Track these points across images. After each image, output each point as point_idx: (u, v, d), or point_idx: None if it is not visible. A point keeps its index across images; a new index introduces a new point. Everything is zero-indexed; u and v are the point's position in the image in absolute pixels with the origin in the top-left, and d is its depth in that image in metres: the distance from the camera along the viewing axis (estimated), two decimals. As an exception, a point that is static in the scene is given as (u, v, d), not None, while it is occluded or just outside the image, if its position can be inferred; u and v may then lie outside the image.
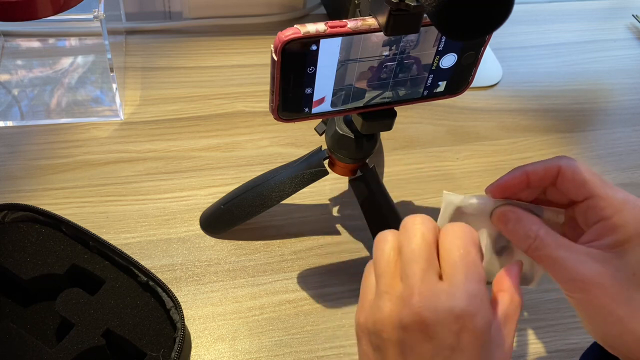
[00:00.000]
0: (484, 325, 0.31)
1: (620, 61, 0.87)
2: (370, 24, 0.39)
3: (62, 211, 0.58)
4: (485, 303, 0.32)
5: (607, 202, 0.35)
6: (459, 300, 0.31)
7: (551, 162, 0.37)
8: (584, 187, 0.36)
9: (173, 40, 0.79)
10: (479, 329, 0.31)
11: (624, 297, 0.34)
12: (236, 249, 0.60)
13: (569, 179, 0.36)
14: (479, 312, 0.31)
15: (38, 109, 0.69)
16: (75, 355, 0.46)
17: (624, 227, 0.35)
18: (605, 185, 0.36)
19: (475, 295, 0.31)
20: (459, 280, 0.32)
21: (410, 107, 0.70)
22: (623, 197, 0.36)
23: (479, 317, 0.31)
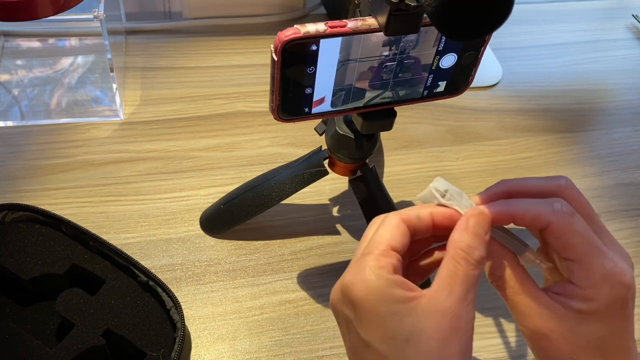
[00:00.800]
0: (363, 292, 0.32)
1: (620, 61, 0.87)
2: (370, 24, 0.39)
3: (62, 211, 0.58)
4: (370, 271, 0.32)
5: (587, 273, 0.33)
6: (347, 273, 0.33)
7: (543, 212, 0.34)
8: (569, 251, 0.34)
9: (173, 40, 0.79)
10: (359, 297, 0.32)
11: (569, 355, 0.34)
12: (236, 249, 0.60)
13: (556, 237, 0.34)
14: (358, 280, 0.32)
15: (38, 109, 0.69)
16: (75, 355, 0.46)
17: (595, 302, 0.33)
18: (592, 253, 0.34)
19: (360, 265, 0.33)
20: (355, 258, 0.34)
21: (410, 107, 0.70)
22: (606, 271, 0.33)
23: (358, 285, 0.32)
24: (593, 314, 0.34)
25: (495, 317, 0.58)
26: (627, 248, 0.65)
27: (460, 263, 0.32)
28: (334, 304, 0.34)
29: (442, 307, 0.31)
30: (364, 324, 0.32)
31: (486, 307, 0.58)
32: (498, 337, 0.56)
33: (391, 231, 0.34)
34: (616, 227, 0.67)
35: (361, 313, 0.32)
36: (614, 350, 0.34)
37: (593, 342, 0.34)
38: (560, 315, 0.34)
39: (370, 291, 0.32)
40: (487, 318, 0.58)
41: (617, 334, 0.34)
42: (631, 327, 0.35)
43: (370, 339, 0.32)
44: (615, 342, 0.34)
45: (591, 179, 0.71)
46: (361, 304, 0.32)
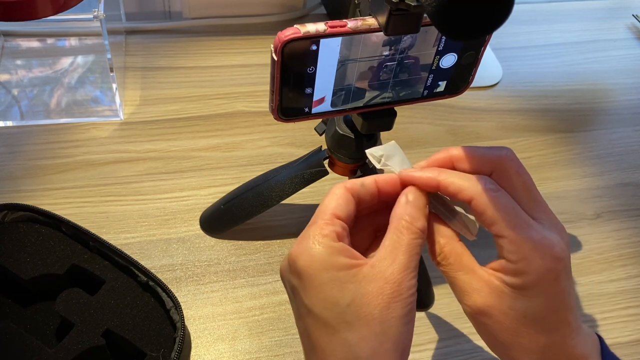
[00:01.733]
0: (306, 261, 0.33)
1: (620, 61, 0.87)
2: (370, 23, 0.39)
3: (62, 211, 0.58)
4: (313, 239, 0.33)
5: (515, 247, 0.33)
6: (294, 245, 0.34)
7: (465, 186, 0.34)
8: (494, 226, 0.34)
9: (173, 40, 0.79)
10: (302, 266, 0.33)
11: (511, 331, 0.34)
12: (236, 249, 0.60)
13: (479, 212, 0.34)
14: (303, 250, 0.33)
15: (38, 109, 0.69)
16: (75, 355, 0.46)
17: (527, 275, 0.33)
18: (518, 226, 0.33)
19: (305, 235, 0.34)
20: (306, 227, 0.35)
21: (410, 107, 0.70)
22: (535, 243, 0.33)
23: (303, 254, 0.33)
24: (527, 289, 0.34)
25: (495, 317, 0.58)
26: (627, 248, 0.66)
27: (402, 232, 0.33)
28: (282, 274, 0.35)
29: (384, 274, 0.32)
30: (307, 291, 0.33)
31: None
32: (498, 337, 0.56)
33: (336, 200, 0.35)
34: (616, 227, 0.67)
35: (305, 281, 0.33)
36: (554, 324, 0.34)
37: (531, 317, 0.34)
38: (497, 292, 0.34)
39: (313, 259, 0.33)
40: (487, 318, 0.58)
41: (555, 308, 0.34)
42: (570, 302, 0.35)
43: (312, 305, 0.32)
44: (553, 317, 0.34)
45: (591, 179, 0.71)
46: (305, 272, 0.33)
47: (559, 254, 0.34)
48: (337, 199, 0.35)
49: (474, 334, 0.56)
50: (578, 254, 0.64)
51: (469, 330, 0.57)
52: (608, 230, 0.66)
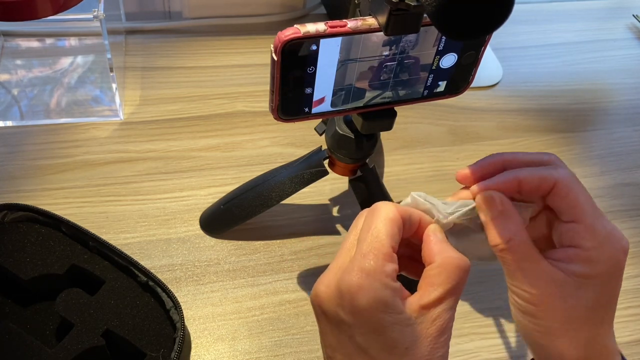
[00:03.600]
0: (370, 302, 0.31)
1: (620, 61, 0.87)
2: (370, 23, 0.39)
3: (62, 211, 0.58)
4: (375, 278, 0.31)
5: (591, 234, 0.34)
6: (347, 275, 0.31)
7: (548, 173, 0.35)
8: (574, 210, 0.35)
9: (173, 40, 0.79)
10: (364, 307, 0.31)
11: (563, 322, 0.34)
12: (236, 249, 0.60)
13: (562, 196, 0.35)
14: (364, 288, 0.31)
15: (38, 109, 0.69)
16: (75, 355, 0.46)
17: (597, 264, 0.34)
18: (595, 214, 0.35)
19: (363, 270, 0.31)
20: (356, 256, 0.32)
21: (410, 107, 0.70)
22: (608, 232, 0.34)
23: (363, 293, 0.31)
24: (593, 277, 0.34)
25: (495, 317, 0.58)
26: (627, 248, 0.65)
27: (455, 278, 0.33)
28: (323, 304, 0.33)
29: (433, 315, 0.32)
30: (364, 332, 0.31)
31: (486, 307, 0.58)
32: (498, 337, 0.56)
33: (391, 227, 0.33)
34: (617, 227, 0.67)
35: (362, 321, 0.31)
36: (602, 316, 0.35)
37: (587, 307, 0.34)
38: (559, 282, 0.34)
39: (377, 302, 0.31)
40: (487, 318, 0.58)
41: (609, 299, 0.35)
42: (617, 296, 0.36)
43: (369, 346, 0.32)
44: (604, 309, 0.35)
45: (591, 179, 0.71)
46: (366, 313, 0.31)
47: (626, 246, 0.35)
48: (392, 226, 0.33)
49: (474, 334, 0.56)
50: (578, 254, 0.64)
51: (469, 330, 0.57)
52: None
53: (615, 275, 0.35)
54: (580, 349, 0.35)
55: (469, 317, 0.57)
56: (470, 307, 0.58)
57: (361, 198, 0.56)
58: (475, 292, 0.59)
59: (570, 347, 0.35)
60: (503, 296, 0.58)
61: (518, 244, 0.35)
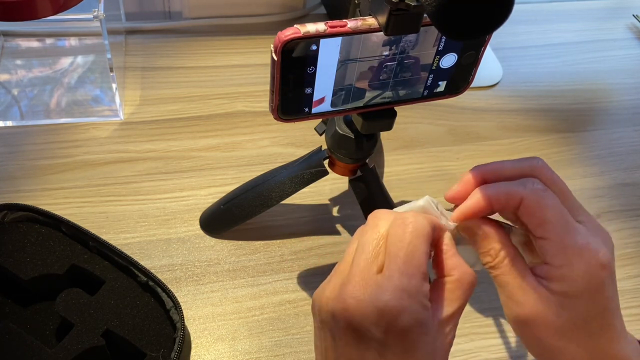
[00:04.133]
0: (411, 324, 0.30)
1: (620, 61, 0.87)
2: (370, 23, 0.39)
3: (62, 211, 0.58)
4: (416, 299, 0.31)
5: (560, 250, 0.33)
6: (386, 293, 0.30)
7: (514, 190, 0.34)
8: (542, 227, 0.34)
9: (173, 40, 0.79)
10: (404, 328, 0.30)
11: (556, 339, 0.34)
12: (236, 249, 0.60)
13: (529, 213, 0.34)
14: (406, 310, 0.30)
15: (38, 109, 0.69)
16: (75, 355, 0.46)
17: (572, 282, 0.33)
18: (565, 230, 0.34)
19: (404, 290, 0.30)
20: (393, 273, 0.31)
21: (410, 107, 0.70)
22: (580, 248, 0.33)
23: (405, 314, 0.30)
24: (572, 296, 0.34)
25: (495, 317, 0.58)
26: (627, 248, 0.66)
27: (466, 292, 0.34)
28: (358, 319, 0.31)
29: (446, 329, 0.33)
30: (398, 351, 0.31)
31: (486, 307, 0.58)
32: (498, 337, 0.56)
33: (426, 245, 0.33)
34: (616, 227, 0.67)
35: (398, 341, 0.31)
36: (599, 329, 0.35)
37: (577, 323, 0.34)
38: (544, 299, 0.34)
39: (418, 324, 0.31)
40: (487, 318, 0.58)
41: (600, 313, 0.34)
42: (615, 306, 0.35)
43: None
44: (598, 322, 0.35)
45: (591, 179, 0.71)
46: (403, 334, 0.31)
47: (603, 260, 0.34)
48: (427, 243, 0.33)
49: (474, 334, 0.56)
50: (578, 254, 0.64)
51: (469, 330, 0.57)
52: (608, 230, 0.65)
53: (597, 290, 0.34)
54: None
55: (469, 317, 0.57)
56: (470, 307, 0.58)
57: (361, 198, 0.56)
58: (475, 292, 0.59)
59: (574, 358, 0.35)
60: (503, 296, 0.58)
61: (503, 261, 0.35)
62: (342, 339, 0.32)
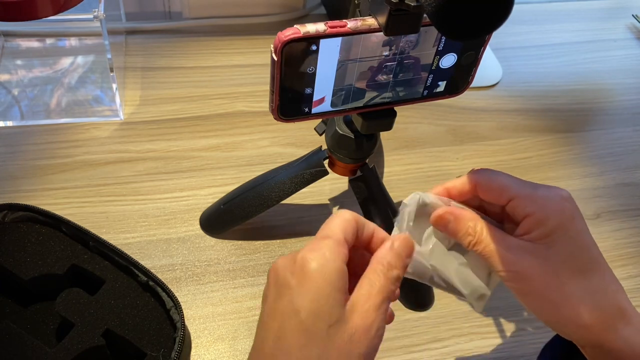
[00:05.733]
0: (316, 268, 0.33)
1: (620, 61, 0.87)
2: (370, 24, 0.39)
3: (62, 211, 0.58)
4: (326, 254, 0.34)
5: (529, 200, 0.37)
6: (304, 249, 0.35)
7: (467, 177, 0.39)
8: (504, 191, 0.38)
9: (173, 40, 0.79)
10: (308, 270, 0.33)
11: (555, 284, 0.36)
12: (236, 249, 0.60)
13: (488, 188, 0.38)
14: (318, 258, 0.33)
15: (38, 109, 0.69)
16: (75, 355, 0.46)
17: (548, 220, 0.37)
18: (525, 185, 0.38)
19: (319, 246, 0.34)
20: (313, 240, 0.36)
21: (410, 107, 0.70)
22: (543, 193, 0.38)
23: (314, 262, 0.33)
24: (554, 233, 0.36)
25: (495, 317, 0.58)
26: (627, 248, 0.66)
27: (379, 276, 0.34)
28: (279, 269, 0.35)
29: (360, 309, 0.33)
30: (303, 293, 0.33)
31: (486, 307, 0.58)
32: (498, 337, 0.56)
33: (346, 225, 0.36)
34: (616, 227, 0.67)
35: (307, 284, 0.33)
36: (589, 263, 0.37)
37: (566, 260, 0.36)
38: (530, 251, 0.36)
39: (325, 269, 0.33)
40: (487, 318, 0.58)
41: (583, 245, 0.37)
42: (593, 241, 0.38)
43: (301, 309, 0.33)
44: (585, 255, 0.37)
45: (591, 179, 0.71)
46: (311, 276, 0.33)
47: (566, 195, 0.38)
48: (347, 224, 0.36)
49: (473, 334, 0.56)
50: (578, 254, 0.64)
51: (468, 330, 0.57)
52: (608, 230, 0.66)
53: (570, 221, 0.37)
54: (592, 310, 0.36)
55: (469, 317, 0.58)
56: (469, 307, 0.58)
57: (361, 198, 0.56)
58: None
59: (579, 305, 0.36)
60: (502, 296, 0.58)
61: (481, 231, 0.37)
62: (268, 293, 0.36)
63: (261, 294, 0.56)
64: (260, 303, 0.56)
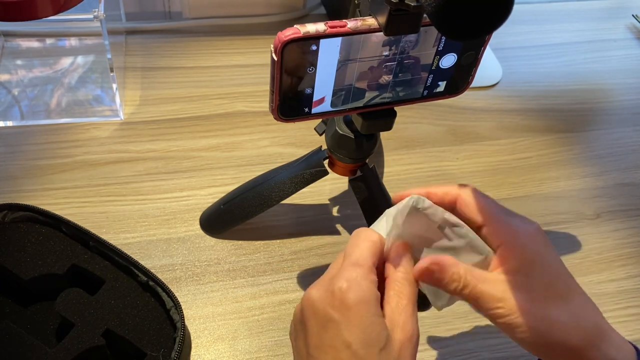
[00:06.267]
0: (357, 299, 0.34)
1: (620, 61, 0.87)
2: (370, 24, 0.39)
3: (62, 211, 0.58)
4: (362, 284, 0.35)
5: (503, 227, 0.38)
6: (338, 279, 0.35)
7: (451, 188, 0.40)
8: (482, 212, 0.38)
9: (173, 40, 0.79)
10: (349, 303, 0.34)
11: (542, 312, 0.36)
12: (236, 249, 0.60)
13: (465, 204, 0.39)
14: (355, 290, 0.34)
15: (38, 109, 0.69)
16: (75, 355, 0.46)
17: (523, 250, 0.37)
18: (501, 211, 0.39)
19: (353, 275, 0.35)
20: (345, 266, 0.36)
21: (410, 107, 0.70)
22: (517, 222, 0.38)
23: (352, 293, 0.34)
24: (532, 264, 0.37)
25: (495, 317, 0.58)
26: (626, 248, 0.66)
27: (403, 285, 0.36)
28: (317, 303, 0.36)
29: (398, 324, 0.35)
30: (350, 326, 0.34)
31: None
32: (498, 337, 0.56)
33: (374, 248, 0.37)
34: (615, 227, 0.67)
35: (350, 316, 0.34)
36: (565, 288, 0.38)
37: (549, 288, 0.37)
38: (513, 283, 0.37)
39: (364, 299, 0.34)
40: (487, 318, 0.58)
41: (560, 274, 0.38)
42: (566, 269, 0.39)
43: (352, 340, 0.34)
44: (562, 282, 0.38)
45: (591, 179, 0.71)
46: (353, 308, 0.34)
47: (537, 226, 0.39)
48: (375, 248, 0.37)
49: (473, 334, 0.56)
50: (578, 254, 0.64)
51: (468, 330, 0.57)
52: (608, 230, 0.66)
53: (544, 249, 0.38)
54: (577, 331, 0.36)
55: (469, 317, 0.58)
56: (469, 307, 0.58)
57: (361, 198, 0.56)
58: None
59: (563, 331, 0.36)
60: (503, 296, 0.58)
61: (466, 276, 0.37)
62: (310, 327, 0.36)
63: (261, 293, 0.57)
64: (260, 304, 0.56)
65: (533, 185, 0.69)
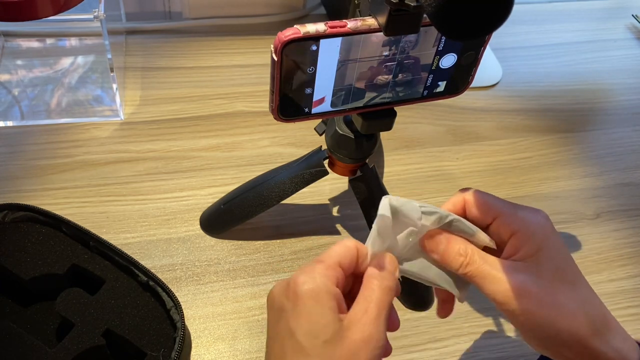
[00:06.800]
0: (307, 291, 0.35)
1: (620, 61, 0.87)
2: (370, 24, 0.39)
3: (62, 211, 0.58)
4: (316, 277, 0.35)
5: (513, 218, 0.38)
6: (296, 274, 0.36)
7: (455, 198, 0.41)
8: (490, 209, 0.39)
9: (173, 40, 0.79)
10: (300, 293, 0.35)
11: (549, 299, 0.36)
12: (236, 249, 0.60)
13: (474, 204, 0.40)
14: (307, 281, 0.35)
15: (38, 109, 0.69)
16: (75, 355, 0.46)
17: (533, 237, 0.38)
18: (508, 204, 0.39)
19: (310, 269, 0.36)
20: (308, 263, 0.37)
21: (410, 107, 0.70)
22: (524, 212, 0.39)
23: (304, 285, 0.35)
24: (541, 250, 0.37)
25: (495, 317, 0.58)
26: (626, 248, 0.66)
27: (374, 290, 0.36)
28: (275, 295, 0.37)
29: (357, 323, 0.35)
30: (296, 315, 0.35)
31: (486, 307, 0.58)
32: (498, 337, 0.56)
33: (344, 252, 0.37)
34: (615, 227, 0.67)
35: (299, 306, 0.35)
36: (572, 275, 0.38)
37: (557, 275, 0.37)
38: (522, 268, 0.37)
39: (313, 290, 0.35)
40: (487, 318, 0.58)
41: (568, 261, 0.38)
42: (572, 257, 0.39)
43: (296, 329, 0.34)
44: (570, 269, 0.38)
45: (591, 179, 0.71)
46: (302, 298, 0.35)
47: (544, 214, 0.39)
48: (345, 251, 0.37)
49: (473, 334, 0.56)
50: (578, 254, 0.64)
51: (468, 330, 0.57)
52: (607, 230, 0.66)
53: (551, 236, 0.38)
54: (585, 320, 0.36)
55: (469, 317, 0.58)
56: (469, 307, 0.58)
57: (361, 198, 0.56)
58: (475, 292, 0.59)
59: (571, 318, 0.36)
60: (503, 296, 0.58)
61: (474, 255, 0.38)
62: (269, 318, 0.37)
63: (261, 293, 0.57)
64: (260, 304, 0.56)
65: (533, 185, 0.69)
